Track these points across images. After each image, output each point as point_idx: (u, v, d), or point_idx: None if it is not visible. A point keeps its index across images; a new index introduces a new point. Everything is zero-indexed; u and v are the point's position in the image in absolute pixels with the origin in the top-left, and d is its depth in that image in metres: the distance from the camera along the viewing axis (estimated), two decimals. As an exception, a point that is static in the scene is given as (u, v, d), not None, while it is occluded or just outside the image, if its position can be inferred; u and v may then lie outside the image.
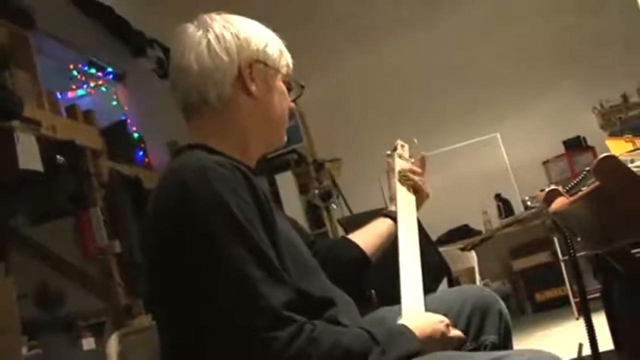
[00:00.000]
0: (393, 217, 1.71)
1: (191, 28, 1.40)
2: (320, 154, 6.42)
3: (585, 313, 1.66)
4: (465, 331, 1.47)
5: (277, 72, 1.44)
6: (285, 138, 1.51)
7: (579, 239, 1.44)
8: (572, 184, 1.50)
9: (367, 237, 1.70)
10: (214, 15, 1.42)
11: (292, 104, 1.51)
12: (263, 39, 1.42)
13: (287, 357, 1.08)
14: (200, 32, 1.38)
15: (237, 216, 1.15)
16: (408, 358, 1.21)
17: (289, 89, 1.49)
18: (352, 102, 6.72)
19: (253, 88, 1.38)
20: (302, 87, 1.53)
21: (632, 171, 1.04)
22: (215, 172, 1.19)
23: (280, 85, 1.45)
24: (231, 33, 1.38)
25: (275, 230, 1.22)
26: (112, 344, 1.32)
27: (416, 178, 1.80)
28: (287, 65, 1.48)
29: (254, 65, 1.39)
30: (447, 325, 1.35)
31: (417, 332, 1.27)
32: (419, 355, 1.23)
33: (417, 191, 1.78)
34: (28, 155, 3.28)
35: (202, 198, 1.16)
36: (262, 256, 1.15)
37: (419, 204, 1.76)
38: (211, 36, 1.37)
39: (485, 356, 1.21)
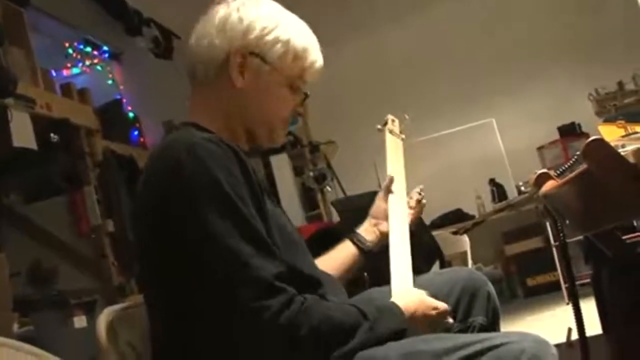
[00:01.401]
0: (361, 247, 1.67)
1: (220, 3, 1.40)
2: (316, 136, 6.41)
3: (574, 297, 1.67)
4: (454, 312, 1.48)
5: (276, 72, 1.36)
6: (280, 140, 1.45)
7: (567, 222, 1.45)
8: (563, 168, 1.51)
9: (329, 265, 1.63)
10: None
11: (299, 109, 1.45)
12: (273, 33, 1.36)
13: (277, 325, 1.09)
14: (216, 9, 1.38)
15: (227, 192, 1.15)
16: (395, 335, 1.22)
17: (295, 92, 1.41)
18: (347, 85, 6.69)
19: (237, 79, 1.34)
20: (306, 95, 1.45)
21: (620, 154, 1.05)
22: (205, 148, 1.19)
23: (279, 86, 1.38)
24: (239, 17, 1.35)
25: (264, 208, 1.23)
26: (102, 321, 1.32)
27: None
28: (302, 69, 1.39)
29: (249, 57, 1.34)
30: (437, 311, 1.35)
31: (405, 310, 1.29)
32: (405, 332, 1.24)
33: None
34: (22, 133, 3.27)
35: (192, 174, 1.17)
36: (252, 231, 1.15)
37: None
38: (220, 14, 1.36)
39: (472, 337, 1.22)
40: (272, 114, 1.40)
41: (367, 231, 1.69)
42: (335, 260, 1.64)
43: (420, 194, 1.77)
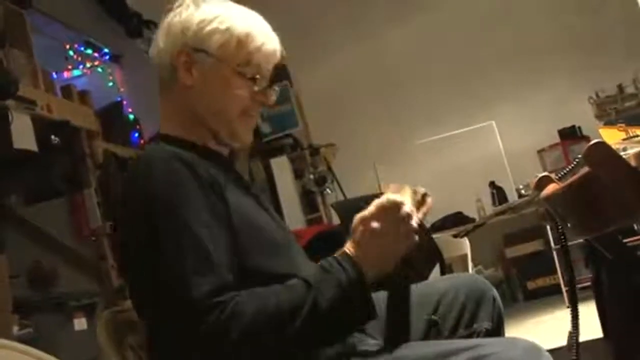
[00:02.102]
0: None
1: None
2: (316, 139, 6.41)
3: (573, 303, 1.67)
4: (459, 318, 1.47)
5: (222, 62, 1.35)
6: (244, 137, 1.42)
7: (569, 226, 1.45)
8: (565, 171, 1.51)
9: None
10: (185, 1, 1.40)
11: (265, 97, 1.41)
12: (212, 25, 1.36)
13: (213, 340, 1.11)
14: (165, 17, 1.42)
15: (175, 208, 1.19)
16: (351, 288, 1.16)
17: (251, 80, 1.38)
18: (348, 87, 6.70)
19: (185, 77, 1.36)
20: (271, 83, 1.43)
21: (622, 158, 1.05)
22: (158, 167, 1.24)
23: (228, 76, 1.36)
24: (179, 19, 1.38)
25: (222, 214, 1.23)
26: (102, 323, 1.32)
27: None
28: (249, 55, 1.36)
29: (193, 54, 1.35)
30: (368, 219, 1.21)
31: (349, 250, 1.21)
32: (364, 278, 1.17)
33: None
34: (22, 135, 3.27)
35: (142, 193, 1.24)
36: (195, 245, 1.16)
37: None
38: (165, 21, 1.40)
39: (460, 344, 1.21)
40: (226, 106, 1.37)
41: None
42: None
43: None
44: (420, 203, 1.65)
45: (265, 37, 1.39)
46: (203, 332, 1.10)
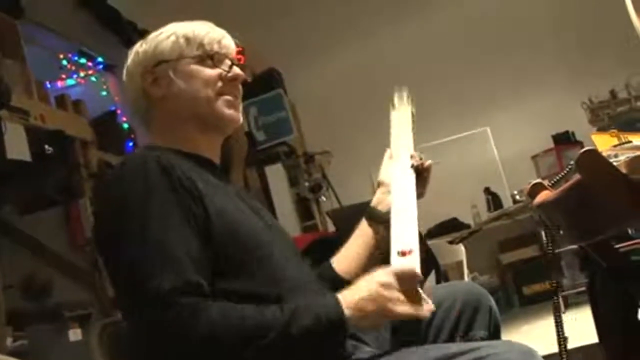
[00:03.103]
0: (379, 220, 1.61)
1: None
2: (311, 146, 6.42)
3: (556, 309, 1.68)
4: (455, 327, 1.47)
5: (178, 61, 1.43)
6: (228, 113, 1.45)
7: (562, 233, 1.45)
8: (557, 177, 1.51)
9: (352, 264, 1.59)
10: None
11: (231, 73, 1.46)
12: (157, 40, 1.46)
13: (168, 337, 1.11)
14: None
15: (143, 208, 1.21)
16: (327, 327, 1.15)
17: (213, 65, 1.45)
18: (342, 95, 6.72)
19: (155, 91, 1.44)
20: (226, 55, 1.48)
21: (613, 165, 1.05)
22: (133, 168, 1.27)
23: (189, 68, 1.43)
24: (132, 58, 1.48)
25: (196, 218, 1.24)
26: (97, 334, 1.32)
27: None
28: (201, 45, 1.45)
29: (156, 70, 1.44)
30: (387, 284, 1.19)
31: (348, 295, 1.20)
32: (344, 324, 1.16)
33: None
34: (16, 145, 3.27)
35: (112, 193, 1.27)
36: (160, 247, 1.17)
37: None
38: (125, 69, 1.50)
39: (457, 347, 1.21)
40: (200, 92, 1.43)
41: (379, 202, 1.65)
42: (357, 244, 1.61)
43: (421, 158, 1.67)
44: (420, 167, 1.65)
45: (209, 28, 1.48)
46: (162, 329, 1.11)
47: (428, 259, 3.45)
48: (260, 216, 1.41)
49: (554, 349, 3.17)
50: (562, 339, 1.51)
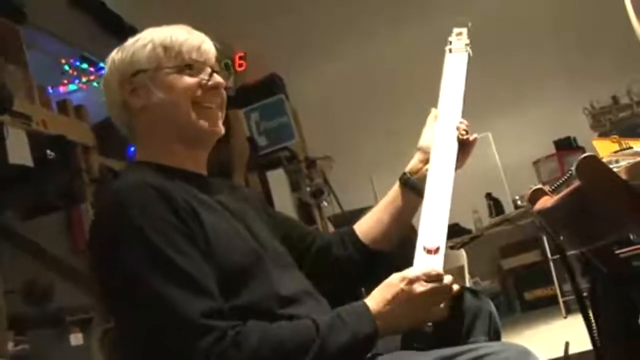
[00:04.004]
0: (412, 189, 1.59)
1: None
2: (312, 151, 6.42)
3: (582, 309, 1.67)
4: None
5: (157, 70, 1.40)
6: (211, 126, 1.42)
7: (562, 238, 1.45)
8: (557, 183, 1.51)
9: (373, 228, 1.60)
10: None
11: (210, 81, 1.43)
12: (133, 48, 1.43)
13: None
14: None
15: (149, 237, 1.17)
16: (363, 342, 1.18)
17: (192, 74, 1.42)
18: (344, 100, 6.72)
19: (135, 102, 1.41)
20: (204, 63, 1.44)
21: (612, 171, 1.05)
22: (128, 196, 1.23)
23: (168, 78, 1.40)
24: (109, 66, 1.47)
25: (199, 240, 1.22)
26: (98, 338, 1.32)
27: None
28: (179, 53, 1.41)
29: (134, 79, 1.41)
30: (411, 282, 1.21)
31: (375, 304, 1.21)
32: (377, 336, 1.18)
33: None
34: (18, 150, 3.27)
35: (113, 225, 1.22)
36: (179, 271, 1.16)
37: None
38: (103, 79, 1.49)
39: (455, 349, 1.21)
40: (179, 103, 1.40)
41: (415, 169, 1.64)
42: (382, 210, 1.61)
43: (466, 131, 1.65)
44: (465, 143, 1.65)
45: (187, 34, 1.45)
46: (200, 353, 1.09)
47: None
48: (248, 226, 1.40)
49: (556, 354, 3.17)
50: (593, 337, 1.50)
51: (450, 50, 1.65)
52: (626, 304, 1.56)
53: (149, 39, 1.43)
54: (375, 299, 1.22)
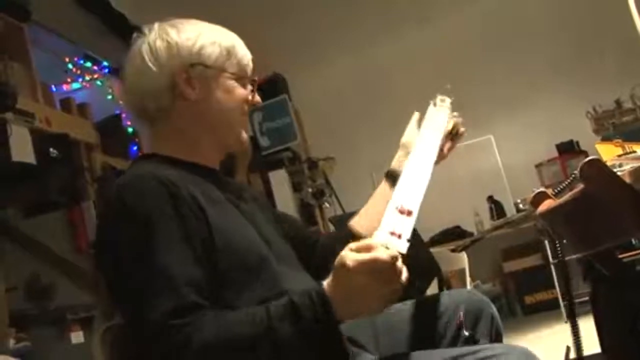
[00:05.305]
0: (396, 179, 1.57)
1: (136, 40, 1.45)
2: (314, 152, 6.43)
3: (572, 317, 1.67)
4: (457, 334, 1.47)
5: (220, 72, 1.42)
6: (245, 138, 1.47)
7: (565, 242, 1.45)
8: (560, 187, 1.51)
9: (367, 221, 1.60)
10: (155, 25, 1.45)
11: (255, 99, 1.49)
12: (200, 41, 1.41)
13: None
14: (137, 45, 1.43)
15: (142, 230, 1.19)
16: (322, 327, 1.10)
17: (244, 85, 1.46)
18: (345, 101, 6.73)
19: (190, 92, 1.39)
20: (255, 81, 1.50)
21: (616, 175, 1.05)
22: (135, 188, 1.24)
23: (228, 83, 1.43)
24: (163, 41, 1.40)
25: (198, 234, 1.23)
26: (99, 337, 1.32)
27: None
28: (238, 63, 1.45)
29: (191, 70, 1.39)
30: (351, 270, 1.08)
31: (329, 287, 1.12)
32: (333, 318, 1.10)
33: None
34: (21, 148, 3.28)
35: (117, 215, 1.24)
36: (154, 266, 1.16)
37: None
38: (144, 48, 1.41)
39: (459, 350, 1.21)
40: (232, 111, 1.43)
41: (399, 164, 1.69)
42: (374, 204, 1.65)
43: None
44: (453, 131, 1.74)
45: (243, 47, 1.48)
46: (157, 353, 1.11)
47: (431, 266, 3.45)
48: (257, 226, 1.40)
49: (557, 358, 3.16)
50: (579, 347, 1.50)
51: (434, 104, 1.80)
52: (628, 308, 1.56)
53: (213, 39, 1.43)
54: (328, 282, 1.13)
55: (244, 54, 1.47)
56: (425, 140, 1.57)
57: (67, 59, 5.20)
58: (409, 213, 1.19)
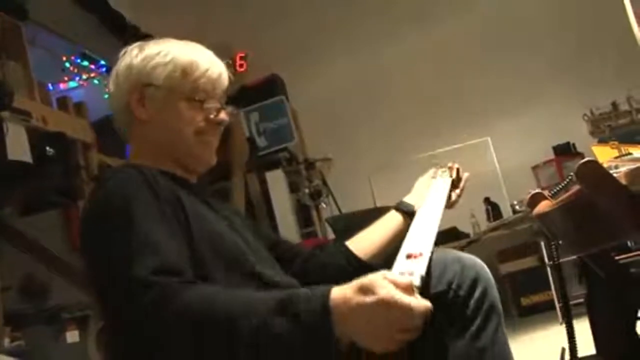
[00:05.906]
0: (406, 212, 1.67)
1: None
2: (311, 153, 6.43)
3: (568, 319, 1.67)
4: (446, 291, 1.56)
5: (168, 91, 1.42)
6: (208, 159, 1.47)
7: (561, 243, 1.46)
8: (557, 188, 1.52)
9: (366, 243, 1.61)
10: (130, 47, 1.48)
11: (218, 116, 1.45)
12: (154, 61, 1.42)
13: (147, 314, 1.06)
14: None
15: (124, 209, 1.21)
16: (310, 324, 0.99)
17: (201, 104, 1.43)
18: (343, 102, 6.73)
19: (140, 112, 1.43)
20: (221, 107, 1.47)
21: (612, 176, 1.05)
22: (116, 177, 1.29)
23: (179, 103, 1.42)
24: (124, 62, 1.46)
25: (176, 218, 1.25)
26: (94, 336, 1.32)
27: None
28: (195, 82, 1.42)
29: (145, 90, 1.42)
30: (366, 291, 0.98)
31: (336, 298, 1.00)
32: (327, 323, 0.99)
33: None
34: (17, 146, 3.27)
35: (98, 202, 1.28)
36: (143, 235, 1.16)
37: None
38: (115, 67, 1.48)
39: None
40: (182, 131, 1.43)
41: (411, 199, 1.75)
42: (378, 230, 1.66)
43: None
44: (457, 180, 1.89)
45: (208, 63, 1.46)
46: (138, 308, 1.07)
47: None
48: (234, 227, 1.41)
49: (553, 359, 3.16)
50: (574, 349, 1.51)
51: (435, 177, 1.93)
52: (624, 309, 1.57)
53: (171, 57, 1.43)
54: (339, 292, 1.02)
55: (205, 72, 1.44)
56: (432, 204, 1.65)
57: (64, 58, 5.20)
58: (419, 255, 1.15)
